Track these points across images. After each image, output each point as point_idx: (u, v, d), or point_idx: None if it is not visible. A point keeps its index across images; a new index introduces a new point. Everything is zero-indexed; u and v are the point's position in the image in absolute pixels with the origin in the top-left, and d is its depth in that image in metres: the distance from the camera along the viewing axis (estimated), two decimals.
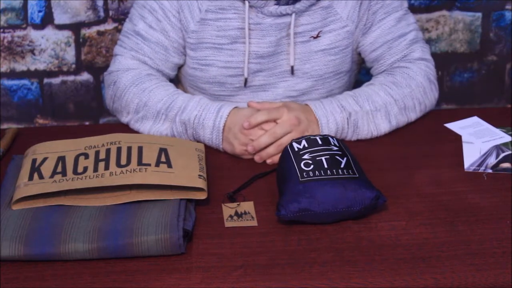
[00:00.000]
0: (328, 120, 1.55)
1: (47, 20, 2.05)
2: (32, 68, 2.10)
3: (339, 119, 1.56)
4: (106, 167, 1.35)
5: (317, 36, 1.64)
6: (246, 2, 1.59)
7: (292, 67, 1.65)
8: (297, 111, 1.54)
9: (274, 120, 1.53)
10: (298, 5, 1.59)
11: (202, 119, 1.54)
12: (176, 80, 1.81)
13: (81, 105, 2.17)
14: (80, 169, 1.36)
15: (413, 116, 1.66)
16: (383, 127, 1.61)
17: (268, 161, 1.52)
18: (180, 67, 1.73)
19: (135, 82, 1.63)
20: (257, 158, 1.52)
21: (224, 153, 1.56)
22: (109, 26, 2.09)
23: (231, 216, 1.33)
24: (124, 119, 1.66)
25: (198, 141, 1.56)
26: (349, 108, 1.57)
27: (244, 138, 1.52)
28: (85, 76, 2.14)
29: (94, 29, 2.09)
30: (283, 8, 1.59)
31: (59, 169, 1.37)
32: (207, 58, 1.66)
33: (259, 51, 1.64)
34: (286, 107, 1.54)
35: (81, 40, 2.09)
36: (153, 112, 1.59)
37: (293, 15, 1.60)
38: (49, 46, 2.08)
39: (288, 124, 1.51)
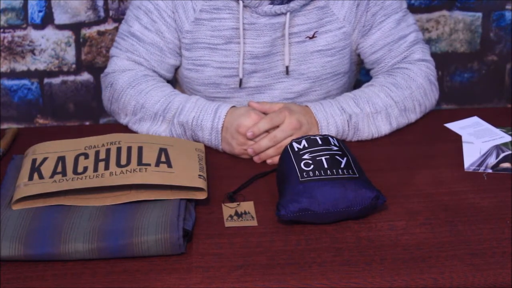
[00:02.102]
0: (328, 123, 1.55)
1: (47, 20, 2.05)
2: (32, 68, 2.10)
3: (339, 121, 1.56)
4: (106, 167, 1.35)
5: (313, 37, 1.64)
6: (240, 2, 1.59)
7: (287, 68, 1.65)
8: (299, 114, 1.53)
9: (277, 126, 1.53)
10: (292, 4, 1.59)
11: (200, 120, 1.54)
12: (175, 82, 1.81)
13: (81, 105, 2.17)
14: (80, 169, 1.36)
15: (413, 117, 1.66)
16: (383, 129, 1.61)
17: (268, 161, 1.52)
18: (177, 69, 1.72)
19: (131, 83, 1.63)
20: (256, 158, 1.52)
21: (224, 153, 1.56)
22: (109, 26, 2.09)
23: (231, 216, 1.33)
24: (122, 120, 1.65)
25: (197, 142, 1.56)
26: (350, 110, 1.57)
27: (242, 138, 1.51)
28: (85, 76, 2.14)
29: (94, 29, 2.09)
30: (277, 7, 1.59)
31: (59, 169, 1.37)
32: (201, 59, 1.66)
33: (253, 51, 1.63)
34: (288, 110, 1.53)
35: (81, 40, 2.09)
36: (150, 114, 1.59)
37: (288, 14, 1.60)
38: (49, 46, 2.08)
39: (290, 128, 1.51)
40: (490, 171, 1.48)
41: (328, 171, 1.32)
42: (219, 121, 1.53)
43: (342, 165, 1.33)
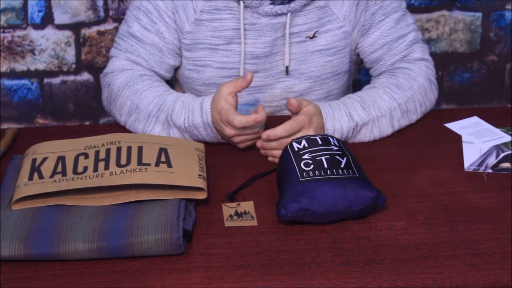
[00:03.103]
0: (335, 130, 1.54)
1: (47, 20, 2.05)
2: (32, 68, 2.10)
3: (345, 128, 1.55)
4: (106, 167, 1.35)
5: (313, 36, 1.64)
6: (241, 2, 1.59)
7: (287, 67, 1.65)
8: (316, 125, 1.50)
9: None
10: (293, 4, 1.59)
11: (191, 120, 1.54)
12: (175, 82, 1.81)
13: (81, 105, 2.17)
14: (80, 169, 1.36)
15: (414, 118, 1.65)
16: (386, 132, 1.61)
17: (269, 158, 1.52)
18: (176, 69, 1.72)
19: (128, 83, 1.62)
20: (262, 151, 1.51)
21: (224, 153, 1.56)
22: (109, 26, 2.09)
23: (231, 216, 1.33)
24: (120, 121, 1.65)
25: (198, 141, 1.56)
26: (357, 117, 1.55)
27: (236, 139, 1.50)
28: (85, 76, 2.14)
29: (94, 29, 2.09)
30: (278, 8, 1.59)
31: (59, 169, 1.37)
32: (202, 59, 1.66)
33: (254, 52, 1.63)
34: (308, 120, 1.49)
35: (81, 40, 2.09)
36: (144, 115, 1.59)
37: (289, 14, 1.60)
38: (49, 46, 2.08)
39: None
40: (490, 171, 1.48)
41: (328, 171, 1.32)
42: (207, 115, 1.52)
43: (342, 165, 1.33)
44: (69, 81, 2.14)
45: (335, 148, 1.37)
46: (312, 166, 1.33)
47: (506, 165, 1.50)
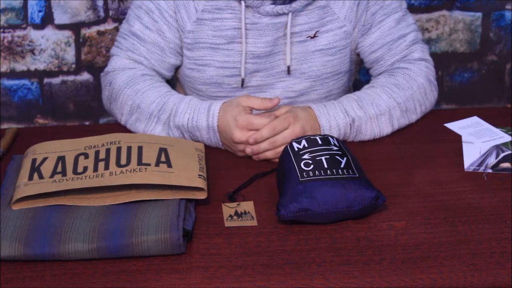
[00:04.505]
0: (331, 126, 1.54)
1: (47, 20, 2.05)
2: (32, 68, 2.10)
3: (341, 124, 1.55)
4: (106, 167, 1.35)
5: (314, 36, 1.64)
6: (243, 2, 1.59)
7: (288, 67, 1.65)
8: (303, 121, 1.51)
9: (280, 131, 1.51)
10: (294, 4, 1.59)
11: (195, 121, 1.54)
12: (176, 81, 1.81)
13: (81, 105, 2.17)
14: (80, 169, 1.36)
15: (414, 117, 1.66)
16: (385, 131, 1.61)
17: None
18: (177, 68, 1.73)
19: (129, 83, 1.63)
20: (254, 157, 1.52)
21: (224, 153, 1.56)
22: (109, 26, 2.09)
23: (231, 216, 1.33)
24: (120, 120, 1.65)
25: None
26: (353, 113, 1.56)
27: (240, 146, 1.51)
28: (85, 76, 2.14)
29: (94, 29, 2.09)
30: (279, 8, 1.59)
31: (59, 169, 1.37)
32: (203, 58, 1.66)
33: (255, 51, 1.63)
34: (293, 117, 1.51)
35: (81, 40, 2.09)
36: (145, 114, 1.59)
37: (290, 14, 1.60)
38: (49, 46, 2.08)
39: (292, 136, 1.49)
40: (490, 171, 1.48)
41: (328, 171, 1.32)
42: (213, 119, 1.53)
43: (342, 165, 1.33)
44: (69, 81, 2.14)
45: (335, 148, 1.37)
46: (312, 166, 1.33)
47: (506, 165, 1.50)
